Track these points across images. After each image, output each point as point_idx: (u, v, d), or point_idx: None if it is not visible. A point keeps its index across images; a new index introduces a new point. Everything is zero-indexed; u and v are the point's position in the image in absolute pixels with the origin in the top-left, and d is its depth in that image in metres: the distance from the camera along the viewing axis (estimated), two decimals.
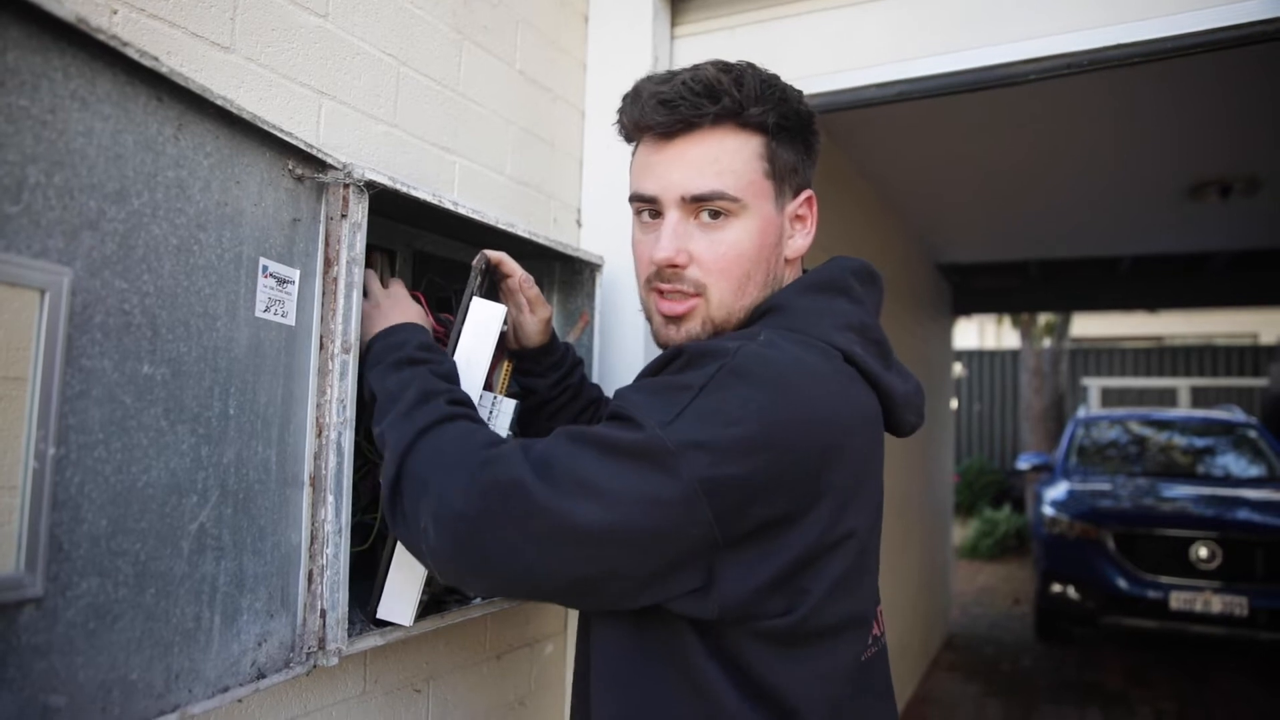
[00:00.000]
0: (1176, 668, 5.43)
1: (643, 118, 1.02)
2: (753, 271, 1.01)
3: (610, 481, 0.85)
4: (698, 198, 0.99)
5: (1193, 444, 6.47)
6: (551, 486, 0.86)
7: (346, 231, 1.11)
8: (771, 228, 1.03)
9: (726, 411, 0.85)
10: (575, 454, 0.88)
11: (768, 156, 1.01)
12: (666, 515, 0.84)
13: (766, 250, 1.02)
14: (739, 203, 0.99)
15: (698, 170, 0.99)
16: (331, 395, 1.09)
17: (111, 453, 0.82)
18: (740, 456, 0.84)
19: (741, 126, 1.00)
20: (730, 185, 0.98)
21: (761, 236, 1.01)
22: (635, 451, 0.85)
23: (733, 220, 1.00)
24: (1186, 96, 3.18)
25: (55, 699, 0.77)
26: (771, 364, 0.89)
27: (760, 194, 1.01)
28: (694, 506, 0.84)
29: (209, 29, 1.07)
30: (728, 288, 1.01)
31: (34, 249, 0.74)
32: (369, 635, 1.14)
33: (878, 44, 1.70)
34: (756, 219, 1.01)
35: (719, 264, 1.00)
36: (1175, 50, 1.47)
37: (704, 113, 0.98)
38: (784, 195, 1.04)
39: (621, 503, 0.84)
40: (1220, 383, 11.84)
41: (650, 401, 0.88)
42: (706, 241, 1.00)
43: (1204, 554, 4.85)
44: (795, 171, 1.04)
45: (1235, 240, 5.99)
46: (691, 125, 0.99)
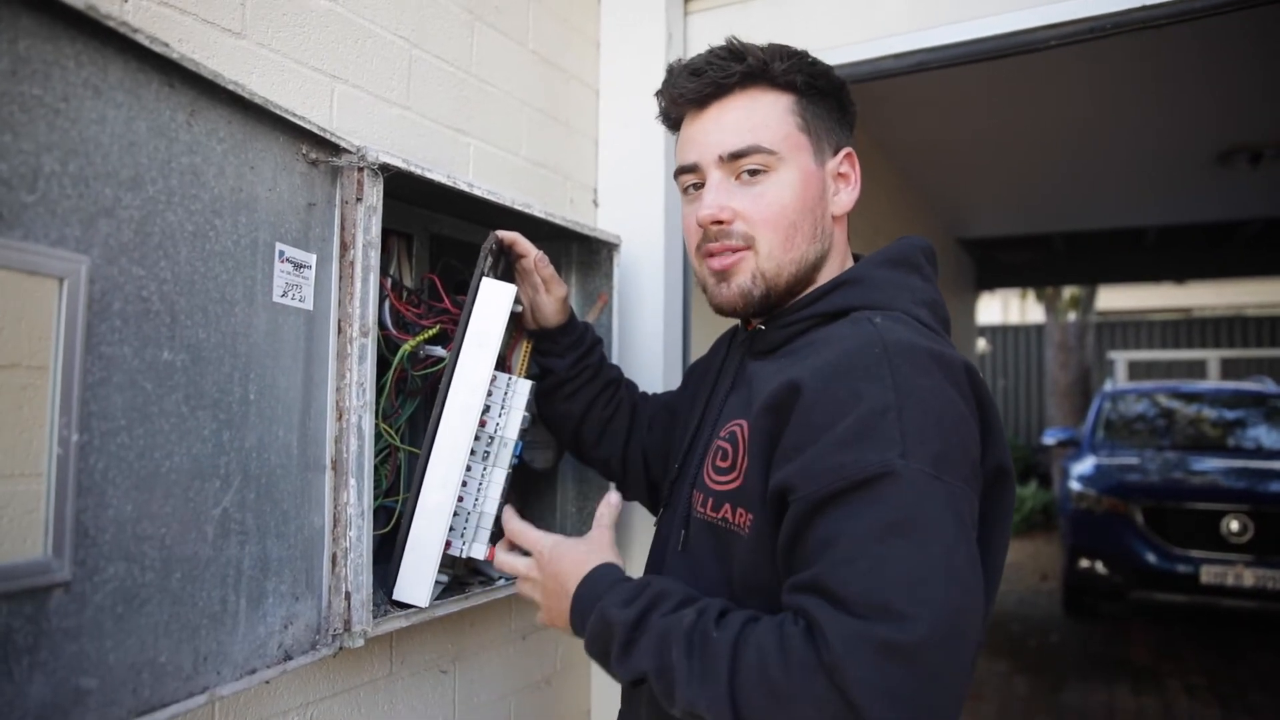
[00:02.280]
0: (1207, 643, 5.38)
1: (675, 90, 1.06)
2: (798, 223, 1.02)
3: (933, 549, 0.79)
4: (735, 154, 1.02)
5: (1223, 416, 6.36)
6: (907, 617, 0.75)
7: (362, 215, 1.11)
8: (813, 181, 1.04)
9: (930, 404, 0.86)
10: (885, 560, 0.78)
11: (799, 112, 1.04)
12: (970, 509, 0.86)
13: (810, 202, 1.04)
14: (776, 155, 1.01)
15: (733, 129, 1.02)
16: (351, 379, 1.10)
17: (134, 439, 0.83)
18: (963, 437, 0.87)
19: (770, 85, 1.03)
20: (765, 139, 1.01)
21: (803, 189, 1.03)
22: (911, 505, 0.80)
23: (772, 175, 1.02)
24: (1215, 60, 3.10)
25: (87, 681, 0.78)
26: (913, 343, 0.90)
27: (797, 147, 1.03)
28: (972, 497, 0.87)
29: (219, 15, 1.07)
30: (775, 239, 1.02)
31: (51, 237, 0.75)
32: (394, 617, 1.15)
33: (895, 13, 1.67)
34: (796, 171, 1.02)
35: (763, 215, 1.01)
36: (1204, 10, 1.43)
37: (731, 73, 1.02)
38: (822, 151, 1.06)
39: (959, 560, 0.80)
40: (1251, 354, 11.64)
41: (865, 446, 0.83)
42: (749, 197, 1.02)
43: (1235, 527, 4.78)
44: (831, 130, 1.07)
45: (1266, 208, 5.87)
46: (721, 89, 1.03)
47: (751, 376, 1.03)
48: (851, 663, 0.74)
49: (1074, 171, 4.83)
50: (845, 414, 0.85)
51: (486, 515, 1.22)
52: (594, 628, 0.94)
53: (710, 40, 1.84)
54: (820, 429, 0.86)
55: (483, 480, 1.22)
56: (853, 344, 0.91)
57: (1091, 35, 1.51)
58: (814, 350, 0.95)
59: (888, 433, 0.82)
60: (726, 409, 1.07)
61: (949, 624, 0.76)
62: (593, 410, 1.38)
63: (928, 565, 0.78)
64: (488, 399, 1.22)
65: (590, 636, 0.95)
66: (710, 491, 1.01)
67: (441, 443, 1.17)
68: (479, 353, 1.18)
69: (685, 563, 1.04)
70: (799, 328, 1.03)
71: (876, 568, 0.78)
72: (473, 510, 1.21)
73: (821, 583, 0.79)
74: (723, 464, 1.00)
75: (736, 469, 0.97)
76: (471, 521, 1.21)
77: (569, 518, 1.64)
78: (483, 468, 1.22)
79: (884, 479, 0.80)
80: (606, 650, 0.92)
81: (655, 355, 1.77)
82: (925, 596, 0.76)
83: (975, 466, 0.88)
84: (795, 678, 0.77)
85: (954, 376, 0.89)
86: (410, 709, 1.36)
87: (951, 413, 0.87)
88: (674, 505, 1.12)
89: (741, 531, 0.95)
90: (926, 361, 0.88)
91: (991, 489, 0.95)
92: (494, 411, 1.24)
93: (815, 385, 0.88)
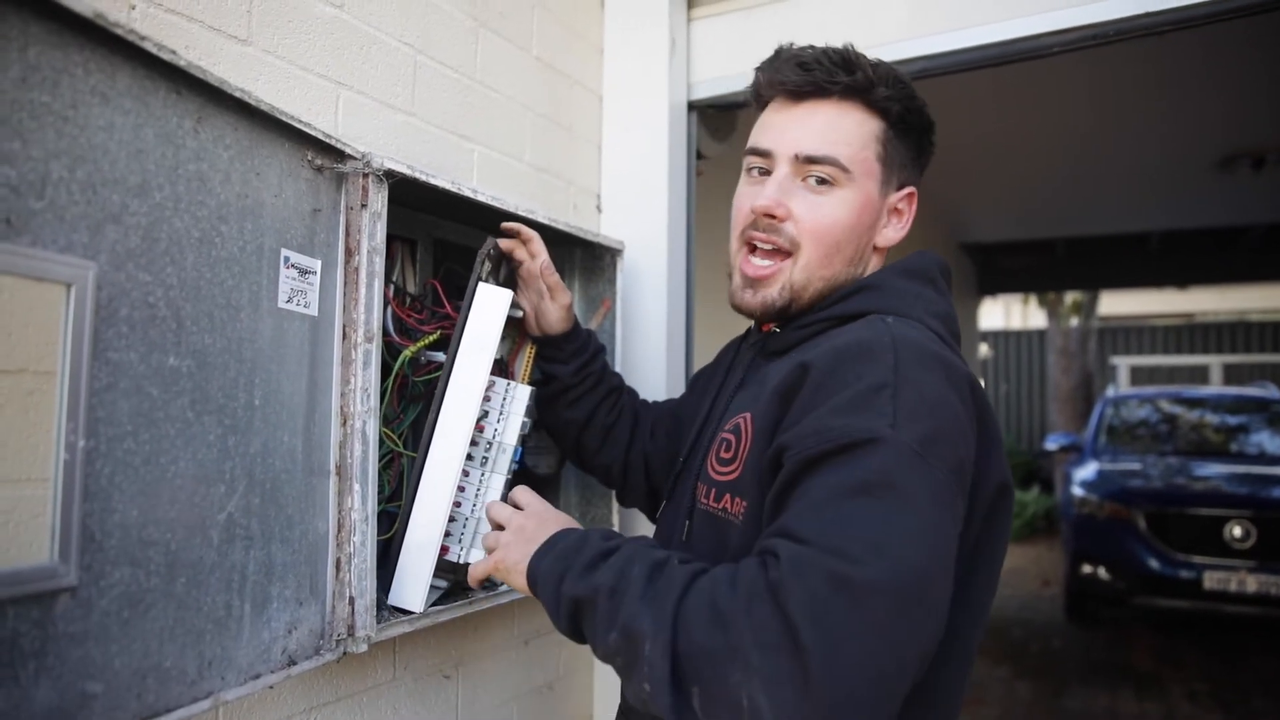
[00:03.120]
0: (1210, 649, 5.36)
1: (777, 75, 1.05)
2: (844, 243, 1.04)
3: (905, 519, 0.78)
4: (810, 158, 1.02)
5: (1225, 422, 6.35)
6: (864, 561, 0.74)
7: (367, 221, 1.11)
8: (870, 208, 1.05)
9: (928, 396, 0.86)
10: (853, 515, 0.78)
11: (884, 141, 1.04)
12: (951, 504, 0.84)
13: (861, 228, 1.05)
14: (848, 173, 1.02)
15: (817, 133, 1.03)
16: (355, 384, 1.10)
17: (140, 444, 0.84)
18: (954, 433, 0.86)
19: (867, 105, 1.04)
20: (844, 154, 1.02)
21: (860, 213, 1.04)
22: (891, 472, 0.80)
23: (836, 190, 1.03)
24: (1217, 66, 3.11)
25: (92, 686, 0.79)
26: (922, 344, 0.91)
27: (868, 173, 1.04)
28: (956, 493, 0.85)
29: (226, 22, 1.08)
30: (817, 253, 1.03)
31: (59, 244, 0.75)
32: (397, 622, 1.15)
33: (897, 20, 1.68)
34: (859, 195, 1.03)
35: (815, 226, 1.02)
36: (1206, 18, 1.43)
37: (837, 80, 1.02)
38: (889, 184, 1.07)
39: (926, 528, 0.79)
40: (1253, 359, 11.61)
41: (857, 414, 0.83)
42: (808, 203, 1.03)
43: (1238, 533, 4.77)
44: (904, 166, 1.08)
45: (1269, 213, 5.87)
46: (822, 90, 1.03)
47: (765, 375, 1.04)
48: (796, 582, 0.74)
49: (1076, 176, 4.84)
50: (844, 389, 0.86)
51: (485, 521, 1.22)
52: (565, 546, 0.94)
53: (713, 46, 1.86)
54: (820, 403, 0.87)
55: (481, 486, 1.22)
56: (864, 334, 0.92)
57: (1094, 42, 1.52)
58: (826, 340, 0.97)
59: (881, 406, 0.83)
60: (734, 404, 1.08)
61: (906, 580, 0.75)
62: (595, 417, 1.38)
63: (894, 529, 0.77)
64: (486, 404, 1.22)
65: (558, 553, 0.94)
66: (713, 482, 1.02)
67: (437, 448, 1.17)
68: (475, 358, 1.18)
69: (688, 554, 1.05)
70: (814, 329, 1.04)
71: (842, 519, 0.78)
72: (470, 516, 1.22)
73: (787, 527, 0.80)
74: (726, 455, 1.01)
75: (737, 460, 0.99)
76: (469, 527, 1.22)
77: None
78: (481, 473, 1.23)
79: (869, 444, 0.81)
80: (569, 566, 0.91)
81: (658, 361, 1.77)
82: (886, 552, 0.75)
83: (963, 465, 0.87)
84: (740, 601, 0.77)
85: (956, 382, 0.90)
86: (413, 714, 1.36)
87: (946, 408, 0.87)
88: (677, 499, 1.13)
89: (735, 520, 0.97)
90: (931, 360, 0.89)
91: (994, 507, 0.95)
92: (492, 417, 1.24)
93: (822, 365, 0.90)
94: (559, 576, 0.92)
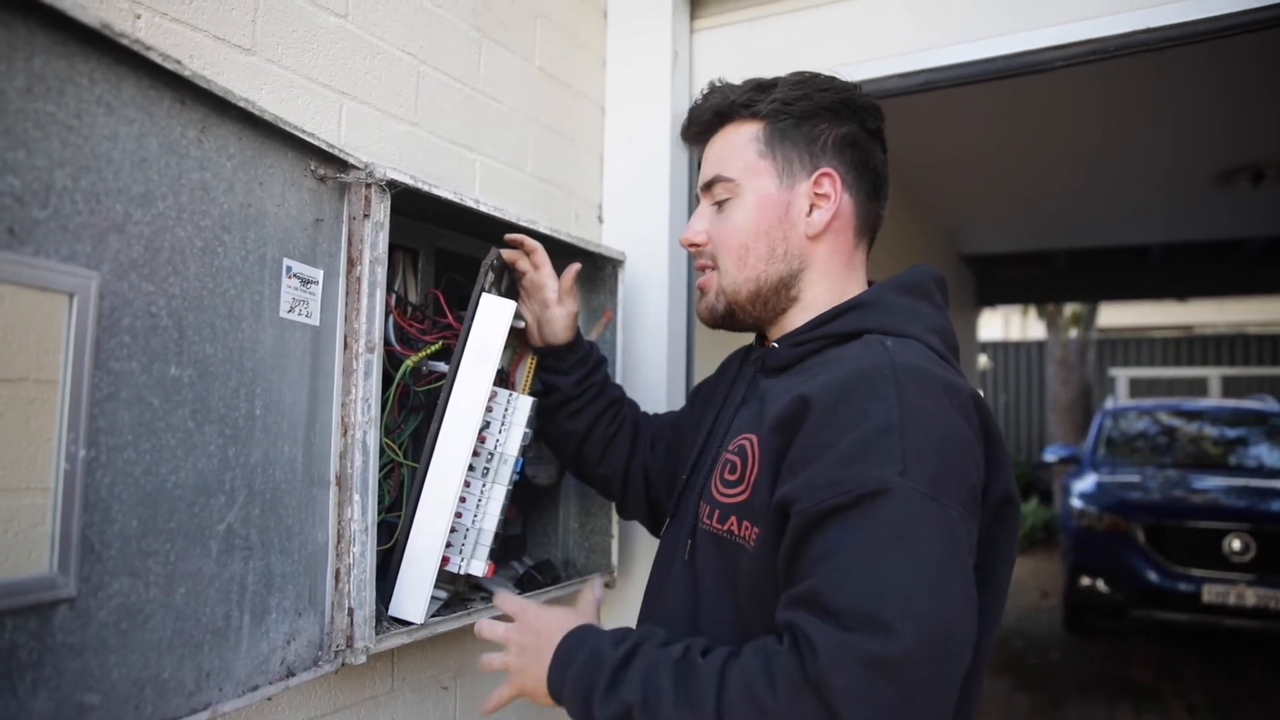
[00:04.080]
0: (1209, 662, 5.35)
1: (686, 134, 1.19)
2: (750, 244, 1.08)
3: (926, 568, 0.80)
4: (705, 185, 1.13)
5: (1224, 434, 6.35)
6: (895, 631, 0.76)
7: (369, 231, 1.11)
8: (769, 204, 1.08)
9: (933, 429, 0.86)
10: (876, 575, 0.79)
11: (764, 139, 1.09)
12: (967, 538, 0.86)
13: (765, 225, 1.08)
14: (734, 183, 1.09)
15: (706, 164, 1.14)
16: (356, 395, 1.10)
17: (140, 454, 0.83)
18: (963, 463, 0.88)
19: (740, 119, 1.11)
20: (726, 169, 1.10)
21: (758, 213, 1.08)
22: (907, 523, 0.81)
23: (734, 201, 1.10)
24: (1217, 81, 3.12)
25: (90, 697, 0.78)
26: (922, 368, 0.91)
27: (755, 172, 1.09)
28: (970, 525, 0.87)
29: (231, 32, 1.08)
30: (729, 260, 1.10)
31: (62, 253, 0.75)
32: (396, 633, 1.14)
33: (900, 33, 1.68)
34: (753, 196, 1.09)
35: (722, 239, 1.11)
36: (1208, 34, 1.44)
37: (706, 119, 1.14)
38: (792, 174, 1.08)
39: (947, 573, 0.81)
40: (1252, 372, 11.63)
41: (866, 463, 0.83)
42: (716, 223, 1.12)
43: (1237, 546, 4.76)
44: (802, 154, 1.08)
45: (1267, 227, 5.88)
46: (708, 127, 1.14)
47: (764, 393, 1.05)
48: (838, 674, 0.75)
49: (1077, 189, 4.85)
50: (849, 431, 0.86)
51: (486, 532, 1.22)
52: (581, 664, 0.92)
53: (716, 58, 1.86)
54: (824, 445, 0.87)
55: (482, 497, 1.22)
56: (863, 364, 0.92)
57: (1096, 57, 1.52)
58: (825, 367, 0.97)
59: (889, 451, 0.83)
60: (736, 423, 1.08)
61: (935, 641, 0.77)
62: (596, 428, 1.38)
63: (918, 581, 0.79)
64: (488, 415, 1.22)
65: (576, 673, 0.92)
66: (717, 504, 1.02)
67: (439, 458, 1.17)
68: (478, 368, 1.18)
69: (690, 573, 1.05)
70: (811, 347, 1.05)
71: (869, 580, 0.79)
72: (471, 527, 1.21)
73: (814, 595, 0.81)
74: (731, 477, 1.01)
75: (745, 482, 0.98)
76: (470, 538, 1.21)
77: (571, 533, 1.63)
78: (482, 484, 1.22)
79: (881, 495, 0.81)
80: (592, 687, 0.90)
81: (659, 371, 1.77)
82: (914, 611, 0.77)
83: (974, 493, 0.88)
84: (781, 695, 0.78)
85: (961, 404, 0.90)
86: None
87: (954, 438, 0.87)
88: (680, 517, 1.13)
89: (747, 544, 0.96)
90: (934, 386, 0.90)
91: (997, 518, 0.96)
92: (494, 428, 1.23)
93: (824, 402, 0.89)
94: (585, 700, 0.91)
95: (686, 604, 1.04)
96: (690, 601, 1.04)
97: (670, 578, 1.09)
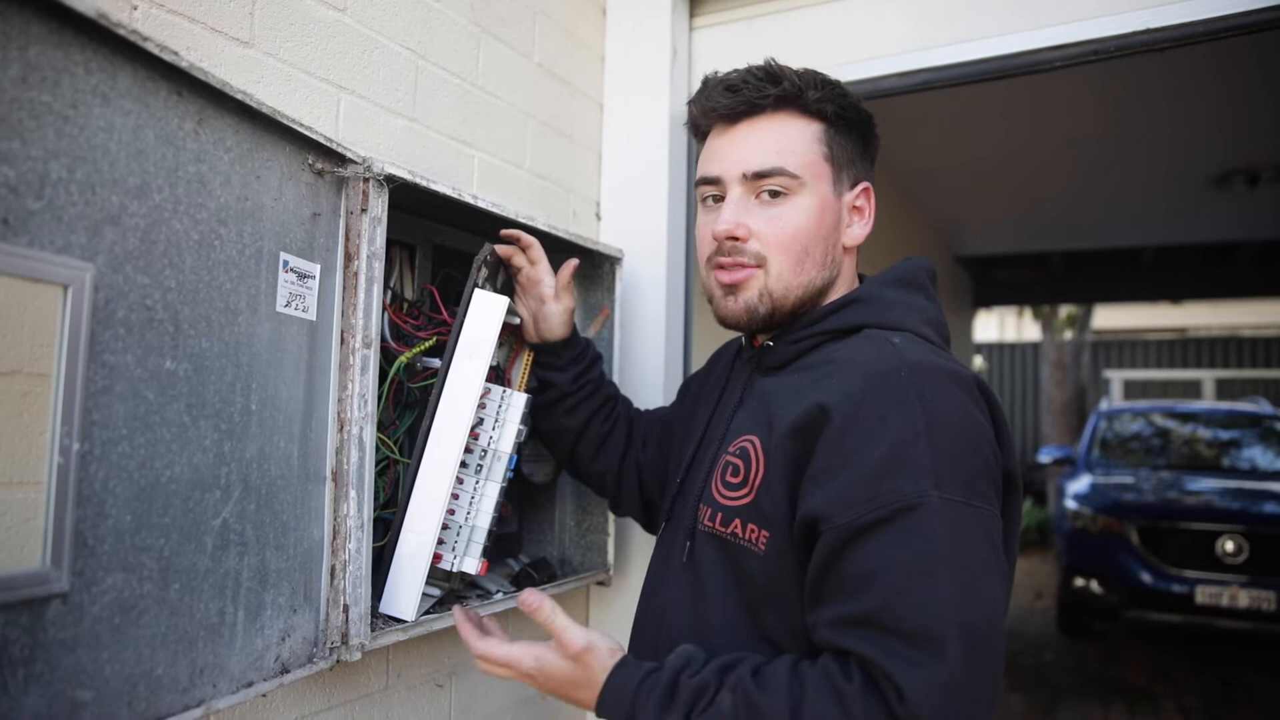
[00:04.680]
0: (1202, 663, 5.36)
1: (709, 103, 1.07)
2: (811, 249, 1.04)
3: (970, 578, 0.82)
4: (759, 174, 1.03)
5: (1218, 436, 6.37)
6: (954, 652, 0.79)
7: (367, 226, 1.10)
8: (829, 210, 1.05)
9: (957, 429, 0.88)
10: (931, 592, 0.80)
11: (826, 142, 1.05)
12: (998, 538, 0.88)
13: (825, 230, 1.05)
14: (798, 180, 1.03)
15: (759, 149, 1.03)
16: (353, 390, 1.09)
17: (135, 448, 0.83)
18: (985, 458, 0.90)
19: (802, 112, 1.05)
20: (790, 163, 1.02)
21: (820, 216, 1.04)
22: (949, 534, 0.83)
23: (792, 198, 1.03)
24: (1214, 83, 3.12)
25: (82, 693, 0.77)
26: (935, 367, 0.92)
27: (819, 175, 1.04)
28: (998, 516, 0.90)
29: (228, 24, 1.07)
30: (786, 262, 1.03)
31: (57, 245, 0.74)
32: (391, 631, 1.14)
33: (899, 33, 1.68)
34: (815, 199, 1.04)
35: (778, 238, 1.03)
36: (1205, 35, 1.44)
37: (766, 95, 1.03)
38: (841, 183, 1.07)
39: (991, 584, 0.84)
40: (1246, 374, 11.65)
41: (898, 475, 0.84)
42: (766, 217, 1.03)
43: (1230, 548, 4.78)
44: (853, 162, 1.08)
45: (1263, 230, 5.90)
46: (754, 108, 1.04)
47: (764, 392, 1.04)
48: (925, 711, 0.77)
49: (1073, 191, 4.86)
50: (876, 441, 0.86)
51: (479, 529, 1.21)
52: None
53: (714, 56, 1.86)
54: (850, 454, 0.87)
55: (475, 494, 1.22)
56: (877, 366, 0.92)
57: (1095, 57, 1.52)
58: (836, 370, 0.96)
59: (920, 461, 0.84)
60: (735, 424, 1.07)
61: (988, 648, 0.81)
62: (591, 425, 1.37)
63: (965, 588, 0.81)
64: (481, 412, 1.21)
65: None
66: (719, 506, 1.01)
67: (431, 455, 1.16)
68: (470, 365, 1.17)
69: (689, 574, 1.05)
70: (809, 343, 1.04)
71: (926, 594, 0.80)
72: (464, 524, 1.21)
73: (876, 619, 0.81)
74: (733, 479, 1.00)
75: (748, 485, 0.97)
76: (463, 535, 1.21)
77: (568, 531, 1.63)
78: (475, 481, 1.22)
79: (919, 509, 0.82)
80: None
81: (656, 369, 1.76)
82: (964, 619, 0.80)
83: (997, 482, 0.91)
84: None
85: (970, 392, 0.92)
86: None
87: (975, 433, 0.89)
88: (678, 518, 1.12)
89: (755, 548, 0.96)
90: (947, 381, 0.90)
91: (1004, 496, 0.97)
92: (488, 424, 1.23)
93: (844, 409, 0.89)
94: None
95: (687, 603, 1.04)
96: (692, 601, 1.03)
97: (668, 577, 1.09)
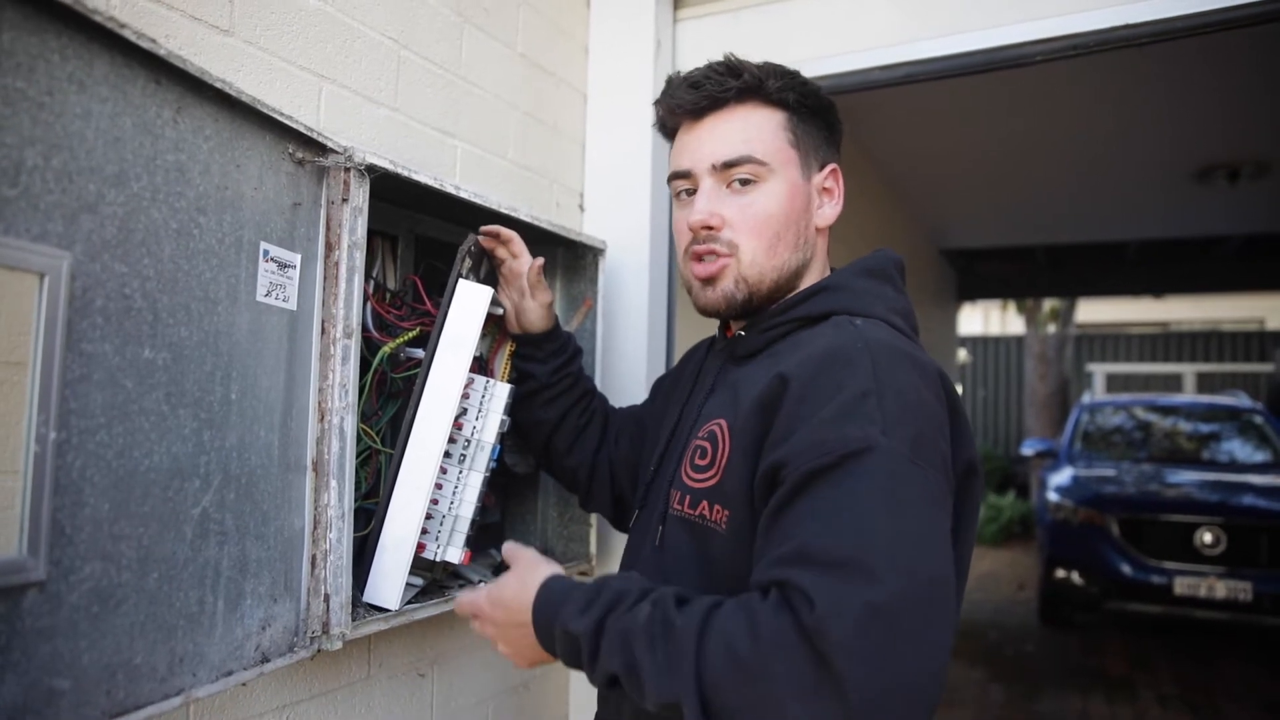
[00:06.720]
0: (1180, 653, 5.43)
1: (674, 100, 1.10)
2: (782, 233, 1.06)
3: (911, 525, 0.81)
4: (728, 163, 1.06)
5: (1198, 430, 6.44)
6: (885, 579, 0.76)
7: (348, 215, 1.10)
8: (799, 193, 1.08)
9: (907, 396, 0.88)
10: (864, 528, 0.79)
11: (790, 128, 1.08)
12: (944, 502, 0.88)
13: (795, 214, 1.08)
14: (766, 167, 1.06)
15: (726, 140, 1.06)
16: (334, 380, 1.09)
17: (113, 437, 0.82)
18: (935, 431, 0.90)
19: (765, 102, 1.08)
20: (757, 150, 1.05)
21: (789, 201, 1.07)
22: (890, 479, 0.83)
23: (761, 185, 1.06)
24: (1194, 79, 3.15)
25: (59, 682, 0.77)
26: (892, 344, 0.94)
27: (786, 161, 1.07)
28: (945, 490, 0.89)
29: (207, 11, 1.06)
30: (759, 246, 1.06)
31: (33, 232, 0.74)
32: (372, 620, 1.14)
33: (883, 26, 1.68)
34: (784, 183, 1.07)
35: (749, 224, 1.06)
36: (1184, 31, 1.45)
37: (728, 88, 1.06)
38: (809, 166, 1.10)
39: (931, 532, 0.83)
40: (1226, 368, 11.79)
41: (847, 423, 0.85)
42: (738, 205, 1.06)
43: (1208, 539, 4.84)
44: (818, 147, 1.11)
45: (1243, 225, 5.96)
46: (718, 101, 1.07)
47: (735, 381, 1.05)
48: (834, 625, 0.74)
49: (1057, 185, 4.89)
50: (829, 401, 0.88)
51: (462, 519, 1.21)
52: (560, 644, 0.92)
53: (699, 47, 1.86)
54: (805, 417, 0.88)
55: (459, 484, 1.22)
56: (837, 340, 0.94)
57: (1075, 52, 1.53)
58: (798, 347, 0.99)
59: (869, 414, 0.86)
60: (706, 410, 1.08)
61: (922, 587, 0.78)
62: (567, 419, 1.38)
63: (904, 532, 0.80)
64: (464, 402, 1.21)
65: (561, 653, 0.93)
66: (688, 489, 1.03)
67: (414, 445, 1.16)
68: (453, 355, 1.17)
69: (660, 559, 1.06)
70: (780, 331, 1.06)
71: (860, 530, 0.79)
72: (448, 514, 1.21)
73: (803, 551, 0.80)
74: (701, 462, 1.02)
75: (715, 466, 0.99)
76: (446, 525, 1.21)
77: (550, 522, 1.63)
78: (459, 471, 1.22)
79: (865, 453, 0.83)
80: (578, 661, 0.91)
81: (639, 360, 1.77)
82: (901, 560, 0.78)
83: (946, 461, 0.91)
84: (765, 651, 0.77)
85: (928, 377, 0.93)
86: (388, 712, 1.35)
87: (925, 408, 0.90)
88: (651, 504, 1.13)
89: (719, 528, 0.97)
90: (903, 360, 0.92)
91: (961, 486, 0.98)
92: (471, 415, 1.23)
93: (801, 376, 0.91)
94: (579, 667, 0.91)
95: None
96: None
97: (639, 565, 1.10)
